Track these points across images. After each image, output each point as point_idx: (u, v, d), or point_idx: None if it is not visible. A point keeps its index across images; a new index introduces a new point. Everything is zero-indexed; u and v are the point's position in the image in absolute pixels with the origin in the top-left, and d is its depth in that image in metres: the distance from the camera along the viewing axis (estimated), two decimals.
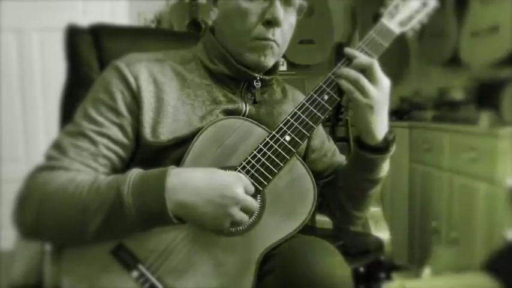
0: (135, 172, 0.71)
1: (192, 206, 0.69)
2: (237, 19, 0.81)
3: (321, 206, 0.98)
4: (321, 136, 1.00)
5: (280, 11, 0.79)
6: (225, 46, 0.84)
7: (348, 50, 0.84)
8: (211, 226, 0.71)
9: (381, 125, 0.83)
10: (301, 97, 0.97)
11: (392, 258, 1.99)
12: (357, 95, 0.80)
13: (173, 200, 0.68)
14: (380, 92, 0.80)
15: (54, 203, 0.70)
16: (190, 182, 0.70)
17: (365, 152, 0.85)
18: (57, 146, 0.76)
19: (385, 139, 0.84)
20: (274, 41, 0.81)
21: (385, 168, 0.88)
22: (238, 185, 0.71)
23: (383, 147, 0.84)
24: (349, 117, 1.92)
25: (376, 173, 0.87)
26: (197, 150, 0.77)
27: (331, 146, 1.02)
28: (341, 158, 1.01)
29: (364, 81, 0.79)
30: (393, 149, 0.86)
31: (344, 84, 0.81)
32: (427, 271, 1.88)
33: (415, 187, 2.23)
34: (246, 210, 0.72)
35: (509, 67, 1.81)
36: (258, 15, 0.80)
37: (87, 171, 0.74)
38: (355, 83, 0.80)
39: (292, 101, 0.95)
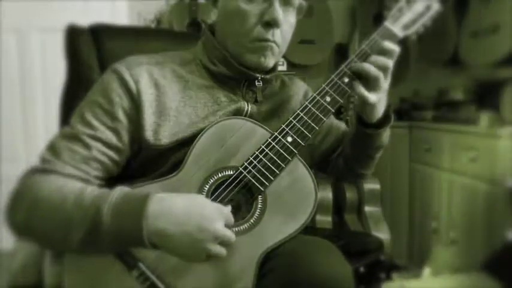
0: (118, 191, 0.71)
1: (168, 235, 0.69)
2: (237, 20, 0.81)
3: (338, 176, 1.05)
4: None
5: (279, 12, 0.79)
6: (225, 47, 0.84)
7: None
8: (186, 257, 0.71)
9: (383, 104, 0.89)
10: (299, 83, 1.00)
11: (392, 258, 1.99)
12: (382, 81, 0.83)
13: (151, 228, 0.68)
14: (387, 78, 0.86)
15: (42, 210, 0.70)
16: (170, 211, 0.70)
17: (370, 129, 0.90)
18: (51, 148, 0.76)
19: (386, 113, 0.90)
20: (274, 41, 0.82)
21: (387, 134, 0.95)
22: (218, 218, 0.71)
23: (386, 120, 0.91)
24: (349, 117, 1.92)
25: (381, 141, 0.94)
26: (199, 150, 0.77)
27: (331, 121, 1.03)
28: (343, 126, 1.06)
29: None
30: (392, 119, 0.92)
31: (372, 69, 0.83)
32: (427, 271, 1.88)
33: (415, 187, 2.24)
34: (223, 243, 0.71)
35: (509, 67, 1.81)
36: (257, 16, 0.80)
37: (79, 175, 0.74)
38: (384, 69, 0.84)
39: (295, 89, 0.97)
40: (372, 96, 0.83)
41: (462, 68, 2.12)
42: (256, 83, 0.86)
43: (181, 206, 0.70)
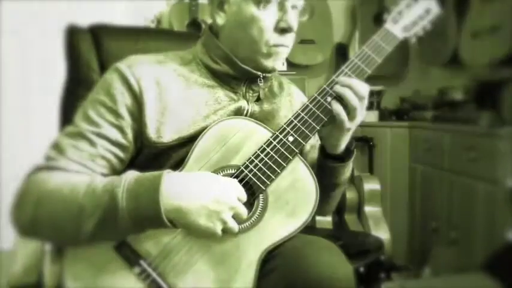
0: (130, 175, 0.71)
1: (186, 210, 0.69)
2: (252, 28, 0.81)
3: None
4: None
5: (294, 18, 0.81)
6: (234, 51, 0.84)
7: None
8: (204, 231, 0.71)
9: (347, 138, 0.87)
10: (295, 90, 1.00)
11: (392, 258, 1.98)
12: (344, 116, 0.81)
13: (167, 204, 0.69)
14: (363, 111, 0.83)
15: (50, 204, 0.70)
16: (185, 186, 0.71)
17: (330, 160, 0.88)
18: (55, 146, 0.76)
19: (347, 148, 0.89)
20: (287, 46, 0.84)
21: (346, 173, 0.93)
22: (233, 191, 0.72)
23: (346, 156, 0.89)
24: None
25: (342, 176, 0.92)
26: (201, 149, 0.78)
27: (315, 141, 1.01)
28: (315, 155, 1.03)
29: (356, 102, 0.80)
30: (354, 156, 0.91)
31: (353, 98, 0.80)
32: (427, 271, 1.88)
33: (415, 187, 2.23)
34: (236, 217, 0.72)
35: (509, 67, 1.81)
36: (272, 23, 0.81)
37: (84, 173, 0.74)
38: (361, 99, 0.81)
39: (288, 95, 0.97)
40: (348, 122, 0.81)
41: (462, 68, 2.12)
42: (259, 82, 0.87)
43: (195, 181, 0.72)
